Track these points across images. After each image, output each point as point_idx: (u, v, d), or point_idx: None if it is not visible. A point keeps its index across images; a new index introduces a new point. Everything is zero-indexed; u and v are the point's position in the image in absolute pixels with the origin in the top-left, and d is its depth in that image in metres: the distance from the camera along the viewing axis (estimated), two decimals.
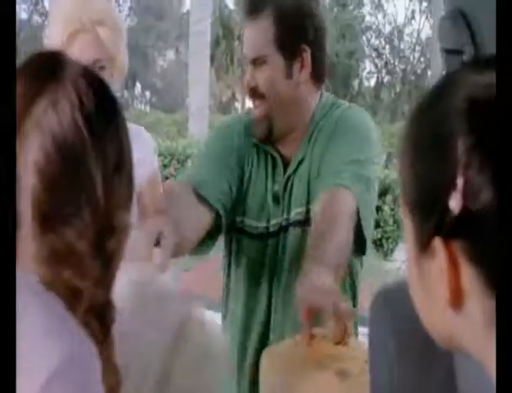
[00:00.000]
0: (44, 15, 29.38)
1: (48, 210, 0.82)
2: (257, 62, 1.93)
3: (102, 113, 0.87)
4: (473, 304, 0.72)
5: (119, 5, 32.60)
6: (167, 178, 11.03)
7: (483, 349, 0.73)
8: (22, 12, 31.50)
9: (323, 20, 1.98)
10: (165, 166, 11.21)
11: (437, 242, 0.72)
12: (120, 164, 0.88)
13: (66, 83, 0.85)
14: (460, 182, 0.68)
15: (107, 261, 0.87)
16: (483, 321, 0.71)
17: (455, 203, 0.69)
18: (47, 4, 26.18)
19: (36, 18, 31.82)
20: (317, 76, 1.99)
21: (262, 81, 1.93)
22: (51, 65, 0.87)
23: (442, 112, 0.72)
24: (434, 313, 0.78)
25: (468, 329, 0.74)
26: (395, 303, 1.06)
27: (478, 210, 0.68)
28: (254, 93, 1.96)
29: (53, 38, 2.00)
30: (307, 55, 1.93)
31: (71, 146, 0.83)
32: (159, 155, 11.24)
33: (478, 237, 0.68)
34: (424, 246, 0.75)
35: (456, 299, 0.72)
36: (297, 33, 1.93)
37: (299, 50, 1.93)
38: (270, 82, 1.93)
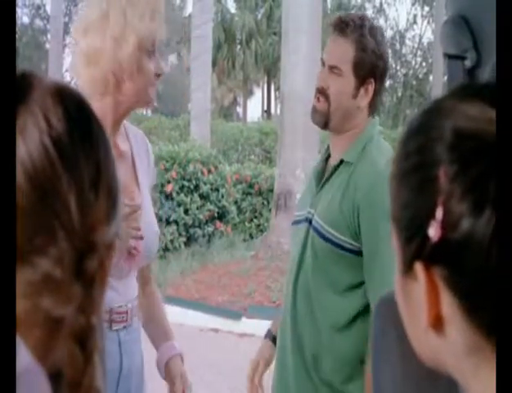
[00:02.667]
0: (46, 19, 29.44)
1: (22, 243, 0.80)
2: (333, 70, 2.37)
3: (74, 131, 0.84)
4: (454, 331, 0.72)
5: None
6: (169, 182, 11.04)
7: (465, 374, 0.73)
8: (24, 17, 31.61)
9: (388, 65, 2.46)
10: (167, 170, 11.19)
11: (418, 266, 0.73)
12: (97, 178, 0.85)
13: (33, 107, 0.82)
14: (439, 211, 0.70)
15: (88, 284, 0.84)
16: (464, 348, 0.72)
17: (433, 232, 0.70)
18: (48, 8, 26.22)
19: (38, 22, 31.90)
20: (372, 106, 2.44)
21: (333, 88, 2.37)
22: (19, 90, 0.84)
23: (428, 140, 0.73)
24: (418, 334, 0.78)
25: (449, 353, 0.74)
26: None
27: (457, 239, 0.69)
28: (322, 92, 2.39)
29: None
30: (372, 87, 2.38)
31: (41, 175, 0.80)
32: (161, 159, 11.24)
33: (456, 266, 0.69)
34: (407, 268, 0.75)
35: (436, 323, 0.73)
36: (369, 67, 2.36)
37: (367, 81, 2.37)
38: (339, 92, 2.37)
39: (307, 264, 2.38)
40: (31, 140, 0.81)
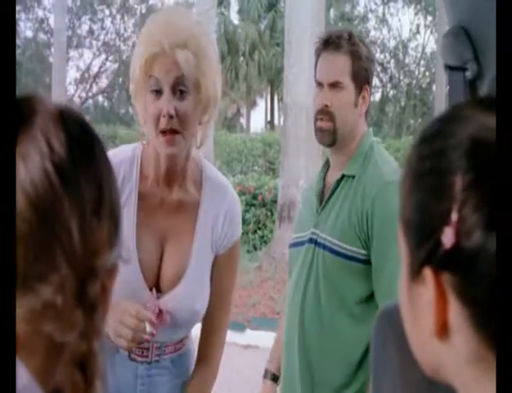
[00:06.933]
0: (49, 33, 29.52)
1: (24, 269, 0.79)
2: (335, 86, 2.38)
3: (76, 155, 0.84)
4: (459, 339, 0.71)
5: (124, 22, 32.75)
6: None
7: (466, 384, 0.73)
8: (27, 30, 31.70)
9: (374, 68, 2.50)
10: None
11: (428, 272, 0.72)
12: (99, 202, 0.84)
13: (36, 132, 0.82)
14: (454, 218, 0.69)
15: (90, 309, 0.83)
16: (468, 357, 0.71)
17: (447, 238, 0.70)
18: (52, 22, 26.31)
19: (41, 36, 31.99)
20: (367, 111, 2.47)
21: (336, 103, 2.37)
22: (21, 115, 0.84)
23: (444, 146, 0.73)
24: (421, 341, 0.77)
25: (452, 362, 0.74)
26: (398, 320, 1.05)
27: (470, 247, 0.68)
28: (325, 111, 2.38)
29: (135, 60, 1.97)
30: (368, 93, 2.42)
31: (43, 201, 0.80)
32: None
33: (466, 274, 0.69)
34: (415, 273, 0.75)
35: (442, 330, 0.72)
36: (364, 74, 2.41)
37: (364, 87, 2.41)
38: (342, 106, 2.38)
39: (314, 286, 2.35)
40: (33, 166, 0.80)
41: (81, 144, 0.86)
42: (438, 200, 0.71)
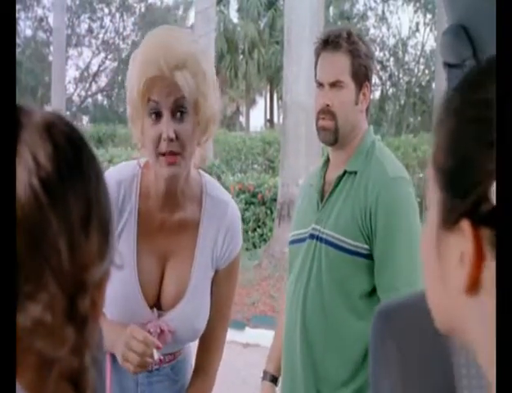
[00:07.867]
0: (49, 31, 29.53)
1: None
2: (335, 86, 2.41)
3: (63, 168, 0.82)
4: (488, 296, 0.69)
5: (123, 20, 32.74)
6: None
7: (486, 343, 0.71)
8: (27, 29, 31.71)
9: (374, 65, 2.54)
10: None
11: (466, 224, 0.69)
12: (88, 215, 0.83)
13: (22, 147, 0.80)
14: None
15: (81, 324, 0.82)
16: (493, 314, 0.69)
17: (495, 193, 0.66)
18: (51, 21, 26.31)
19: (41, 34, 31.99)
20: (368, 107, 2.50)
21: (337, 102, 2.41)
22: None
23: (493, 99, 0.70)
24: (443, 293, 0.75)
25: (476, 319, 0.72)
26: (397, 319, 1.06)
27: None
28: (326, 110, 2.41)
29: (131, 83, 1.93)
30: (368, 90, 2.46)
31: (30, 218, 0.78)
32: None
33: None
34: (449, 223, 0.72)
35: (473, 285, 0.70)
36: (364, 71, 2.44)
37: (364, 84, 2.44)
38: (344, 104, 2.41)
39: (316, 282, 2.36)
40: (20, 182, 0.79)
41: (68, 155, 0.84)
42: (490, 154, 0.67)
